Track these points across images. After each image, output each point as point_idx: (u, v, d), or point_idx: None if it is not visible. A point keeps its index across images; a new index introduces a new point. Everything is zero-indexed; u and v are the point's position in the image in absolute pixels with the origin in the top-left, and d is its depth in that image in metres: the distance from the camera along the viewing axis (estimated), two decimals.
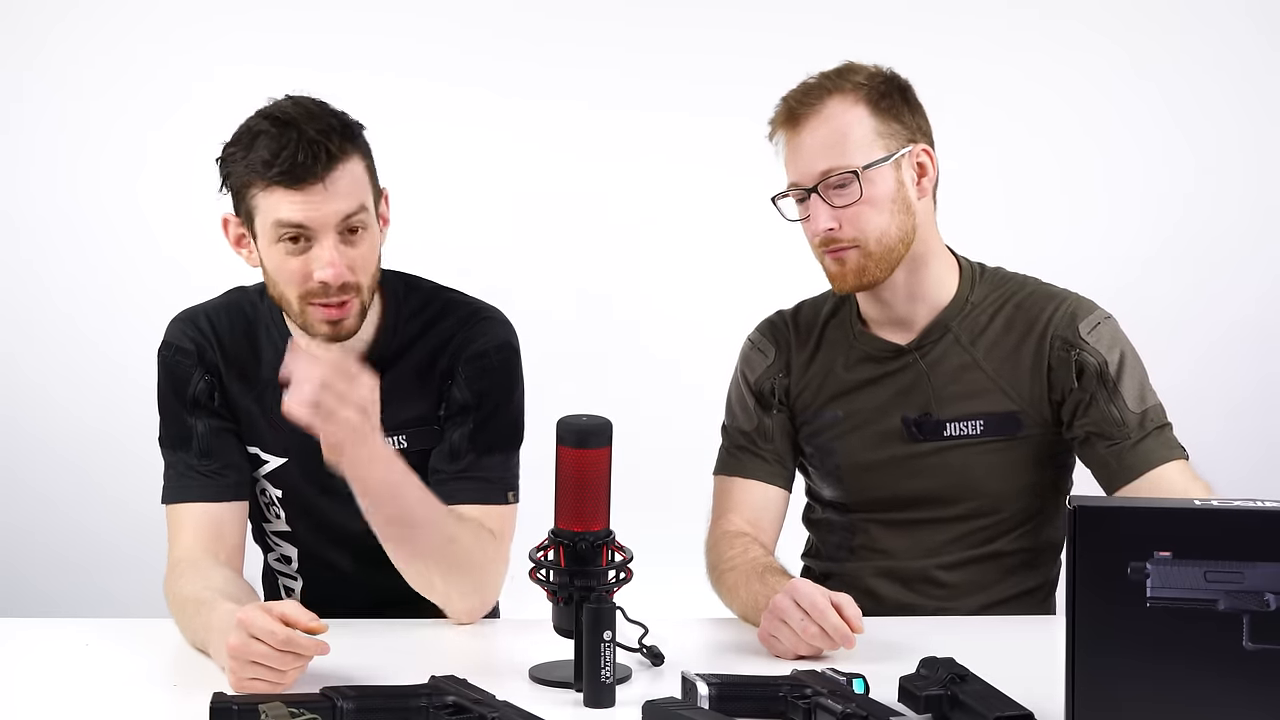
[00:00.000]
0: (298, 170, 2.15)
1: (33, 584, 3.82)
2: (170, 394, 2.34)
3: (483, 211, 3.91)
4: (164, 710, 1.98)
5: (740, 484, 2.47)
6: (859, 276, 2.34)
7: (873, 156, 2.32)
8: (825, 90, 2.34)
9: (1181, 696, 1.73)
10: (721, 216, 3.91)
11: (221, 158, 2.22)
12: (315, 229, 2.17)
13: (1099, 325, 2.35)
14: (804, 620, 2.08)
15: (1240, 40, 3.92)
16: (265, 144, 2.16)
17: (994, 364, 2.37)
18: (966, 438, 2.37)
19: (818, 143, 2.32)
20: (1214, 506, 1.73)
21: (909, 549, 2.40)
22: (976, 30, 3.87)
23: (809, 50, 3.88)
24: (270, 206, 2.17)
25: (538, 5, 3.92)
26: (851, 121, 2.32)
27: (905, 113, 2.36)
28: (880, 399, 2.41)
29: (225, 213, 2.26)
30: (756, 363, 2.50)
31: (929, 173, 2.37)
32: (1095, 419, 2.32)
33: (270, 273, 2.23)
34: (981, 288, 2.41)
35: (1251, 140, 3.92)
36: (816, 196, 2.33)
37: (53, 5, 3.84)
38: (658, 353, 3.91)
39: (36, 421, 3.88)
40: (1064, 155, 3.91)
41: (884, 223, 2.32)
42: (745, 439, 2.48)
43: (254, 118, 2.21)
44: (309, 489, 2.36)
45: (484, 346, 2.32)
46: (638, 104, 3.90)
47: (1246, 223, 3.93)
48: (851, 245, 2.33)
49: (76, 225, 3.87)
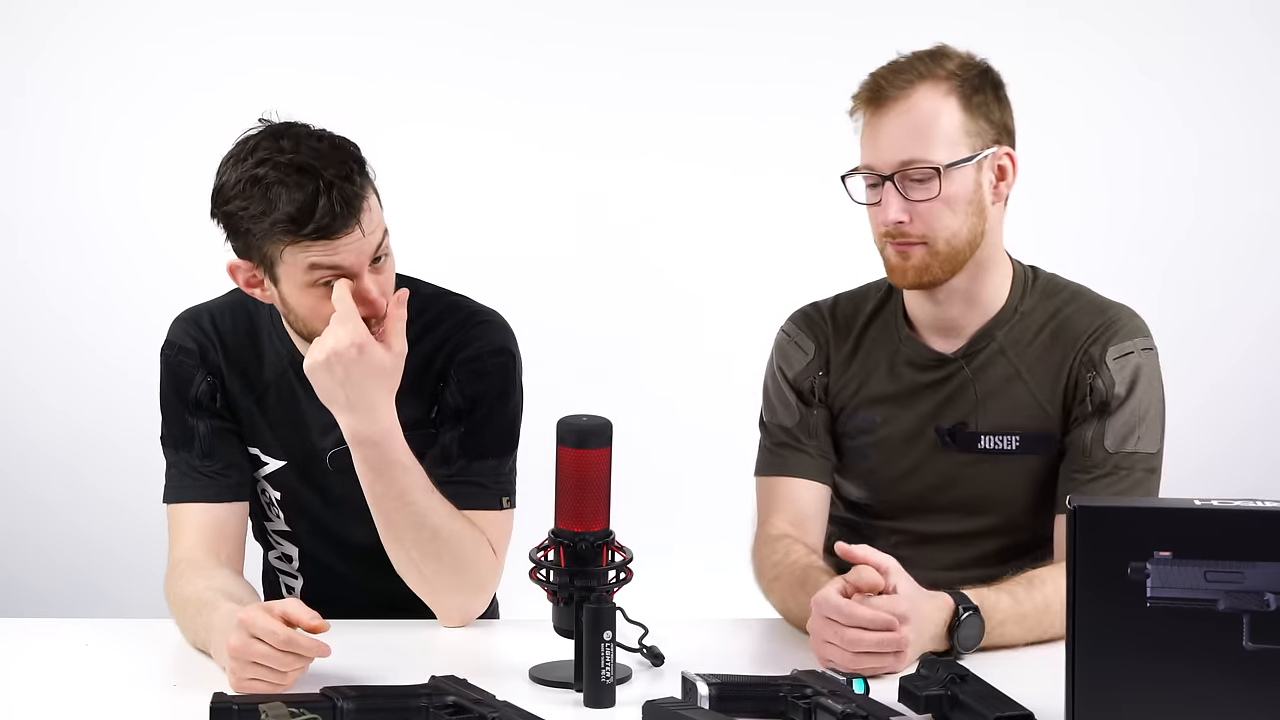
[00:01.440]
0: (335, 225, 2.09)
1: (27, 586, 3.82)
2: (172, 394, 2.33)
3: (484, 211, 3.92)
4: (164, 710, 1.98)
5: (785, 483, 2.38)
6: (920, 274, 2.25)
7: (957, 154, 2.22)
8: (918, 74, 2.24)
9: (1181, 696, 1.73)
10: (723, 217, 3.91)
11: (228, 212, 2.13)
12: (351, 269, 2.13)
13: (1128, 355, 2.27)
14: (839, 630, 2.02)
15: (1244, 41, 3.92)
16: (286, 199, 2.08)
17: (1035, 379, 2.30)
18: (1001, 452, 2.30)
19: (902, 130, 2.22)
20: (1214, 506, 1.73)
21: (930, 561, 2.31)
22: (982, 29, 3.85)
23: (811, 50, 3.92)
24: (302, 257, 2.12)
25: (536, 6, 3.91)
26: (941, 112, 2.22)
27: (995, 110, 2.26)
28: (922, 408, 2.34)
29: (231, 261, 2.19)
30: (795, 358, 2.41)
31: (1008, 177, 2.28)
32: (1072, 438, 2.27)
33: (301, 314, 2.17)
34: (1031, 297, 2.33)
35: (1258, 140, 3.93)
36: (891, 185, 2.22)
37: (53, 5, 3.84)
38: (659, 353, 3.91)
39: (31, 424, 3.88)
40: (1073, 155, 3.90)
41: (956, 224, 2.23)
42: (788, 435, 2.39)
43: (256, 165, 2.11)
44: (307, 492, 2.36)
45: (478, 350, 2.30)
46: (639, 104, 3.90)
47: (1255, 225, 3.94)
48: (919, 241, 2.23)
49: (74, 226, 3.87)
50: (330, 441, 2.29)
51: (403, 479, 2.17)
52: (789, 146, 3.84)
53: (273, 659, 1.94)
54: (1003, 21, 3.87)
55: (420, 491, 2.19)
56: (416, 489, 2.18)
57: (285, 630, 1.94)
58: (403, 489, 2.17)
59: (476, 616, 2.29)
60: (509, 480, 2.32)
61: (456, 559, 2.22)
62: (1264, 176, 3.94)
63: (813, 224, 3.78)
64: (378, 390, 2.14)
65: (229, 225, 2.16)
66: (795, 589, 2.21)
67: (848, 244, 2.61)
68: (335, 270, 2.13)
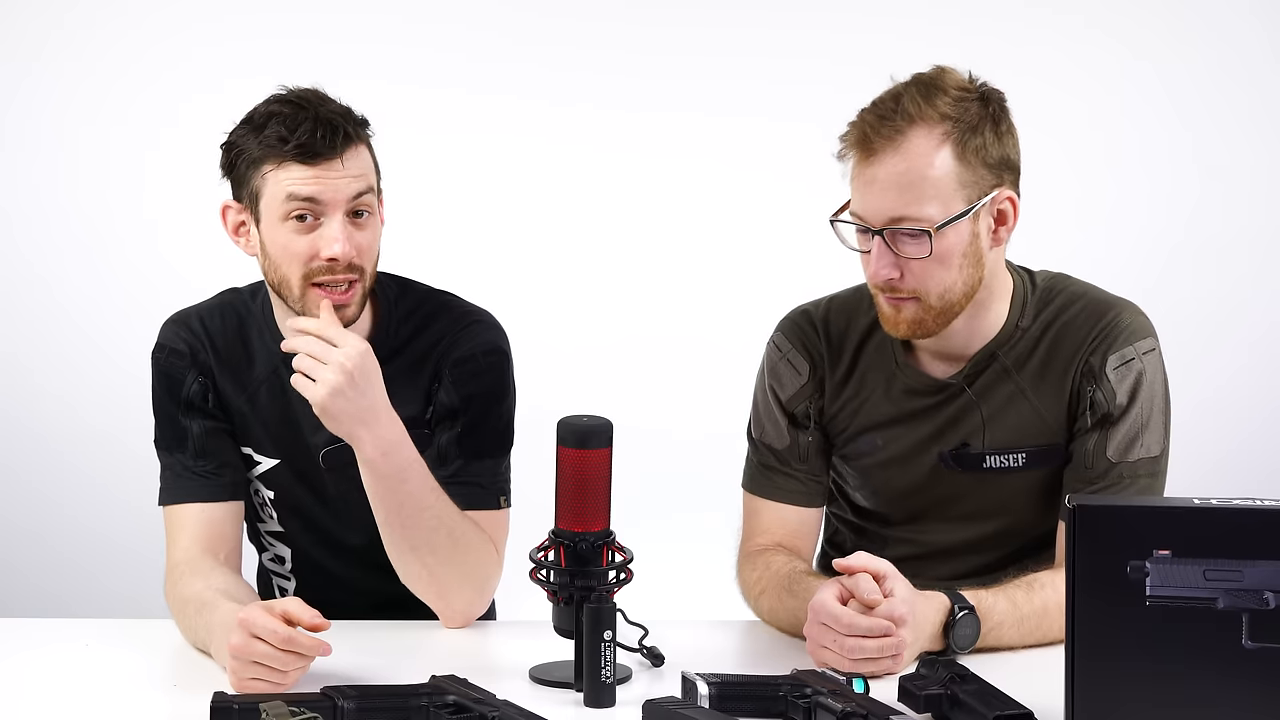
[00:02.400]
0: (315, 145, 2.15)
1: (31, 582, 3.82)
2: (164, 396, 2.33)
3: (485, 211, 3.91)
4: (164, 710, 1.98)
5: (771, 506, 2.33)
6: (914, 327, 2.18)
7: (951, 210, 2.11)
8: (908, 118, 2.10)
9: (1181, 695, 1.73)
10: (724, 217, 3.91)
11: (228, 141, 2.22)
12: (327, 205, 2.16)
13: (1129, 362, 2.20)
14: (838, 638, 2.01)
15: (1245, 42, 3.92)
16: (279, 122, 2.16)
17: (1038, 393, 2.24)
18: (1007, 470, 2.25)
19: (891, 183, 2.10)
20: (1213, 505, 1.73)
21: (939, 569, 2.29)
22: (985, 30, 3.87)
23: (812, 50, 3.91)
24: (282, 182, 2.16)
25: (537, 6, 3.91)
26: (933, 164, 2.10)
27: (994, 149, 2.13)
28: (924, 430, 2.27)
29: (225, 200, 2.25)
30: (788, 380, 2.33)
31: (1008, 221, 2.17)
32: (1075, 448, 2.23)
33: (273, 255, 2.20)
34: (1031, 308, 2.25)
35: (1260, 141, 3.93)
36: (881, 240, 2.12)
37: (54, 5, 3.84)
38: (660, 353, 3.91)
39: (37, 420, 3.87)
40: (1074, 155, 3.90)
41: (950, 279, 2.14)
42: (776, 458, 2.33)
43: (263, 104, 2.21)
44: (301, 491, 2.36)
45: (471, 350, 2.31)
46: (639, 105, 3.90)
47: (1257, 227, 3.94)
48: (911, 297, 2.15)
49: (79, 223, 3.87)
50: (322, 439, 2.29)
51: (419, 480, 2.18)
52: (793, 148, 3.83)
53: (274, 658, 1.94)
54: (1003, 21, 3.87)
55: (434, 493, 2.20)
56: (430, 490, 2.19)
57: (286, 629, 1.94)
58: (420, 492, 2.18)
59: (478, 616, 2.29)
60: (505, 479, 2.32)
61: (466, 558, 2.23)
62: (1267, 178, 3.94)
63: (815, 225, 3.77)
64: (383, 391, 2.15)
65: (228, 155, 2.22)
66: (782, 595, 2.20)
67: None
68: (309, 202, 2.16)
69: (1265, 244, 3.95)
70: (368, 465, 2.16)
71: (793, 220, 3.84)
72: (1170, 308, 3.84)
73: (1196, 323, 3.88)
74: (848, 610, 2.03)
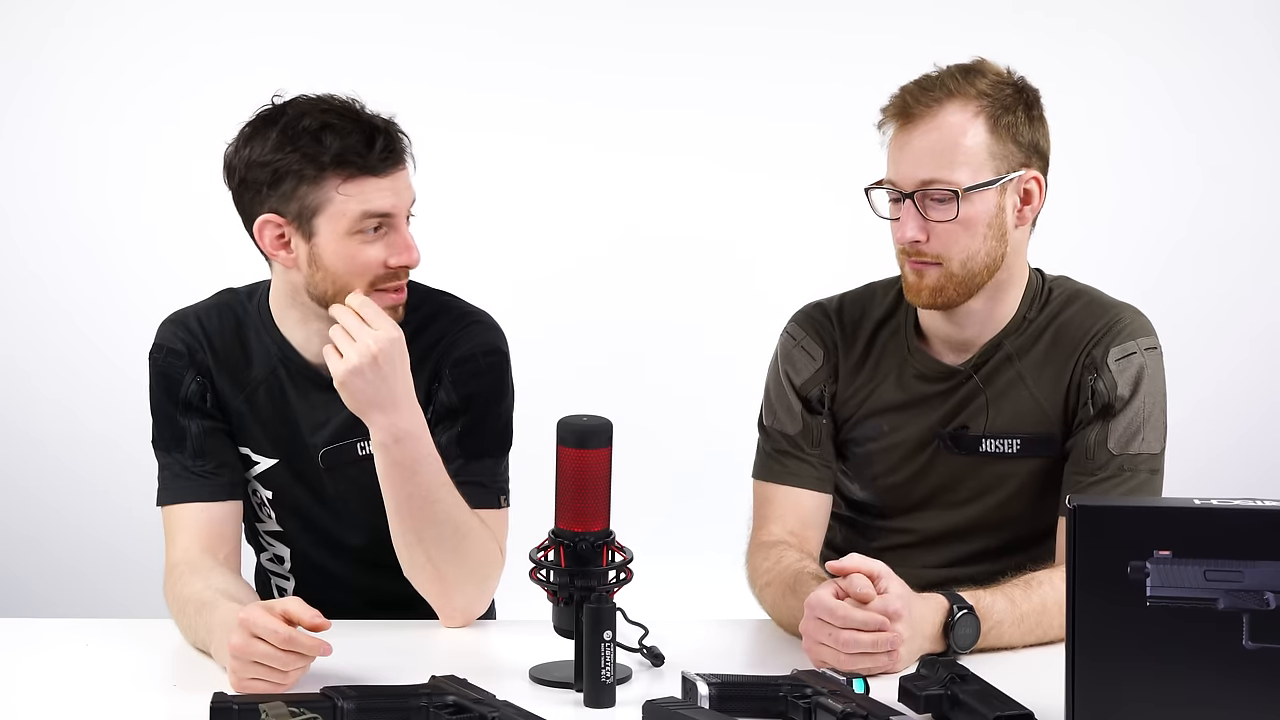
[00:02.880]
0: (391, 160, 2.17)
1: (27, 586, 3.81)
2: (162, 396, 2.33)
3: (486, 211, 3.91)
4: (164, 710, 1.98)
5: (783, 491, 2.36)
6: (934, 295, 2.24)
7: (980, 177, 2.20)
8: (946, 91, 2.21)
9: (1181, 696, 1.73)
10: (724, 217, 3.90)
11: (264, 161, 2.16)
12: (398, 215, 2.18)
13: (1130, 356, 2.26)
14: (833, 632, 2.03)
15: (1247, 43, 3.92)
16: (336, 136, 2.14)
17: (1037, 382, 2.29)
18: (1002, 455, 2.30)
19: (925, 148, 2.20)
20: (1214, 506, 1.73)
21: (929, 558, 2.33)
22: (985, 29, 3.87)
23: (812, 50, 3.91)
24: (354, 197, 2.15)
25: (538, 6, 3.91)
26: (966, 133, 2.20)
27: (1025, 131, 2.24)
28: (929, 417, 2.33)
29: (262, 218, 2.18)
30: (802, 365, 2.38)
31: (1033, 201, 2.26)
32: (1076, 441, 2.26)
33: (334, 266, 2.18)
34: (1039, 305, 2.32)
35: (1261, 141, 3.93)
36: (910, 203, 2.21)
37: (54, 3, 3.83)
38: (660, 353, 3.91)
39: (34, 424, 3.87)
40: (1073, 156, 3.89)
41: (974, 246, 2.22)
42: (789, 443, 2.37)
43: (295, 119, 2.15)
44: (300, 491, 2.36)
45: (470, 350, 2.31)
46: (640, 103, 3.90)
47: (1257, 227, 3.93)
48: (934, 261, 2.22)
49: (77, 224, 3.87)
50: (321, 439, 2.30)
51: (431, 474, 2.18)
52: (793, 147, 3.84)
53: (274, 658, 1.94)
54: (1004, 21, 3.87)
55: (445, 487, 2.20)
56: (442, 485, 2.19)
57: (286, 629, 1.94)
58: (431, 485, 2.18)
59: (478, 615, 2.29)
60: (505, 479, 2.33)
61: (471, 554, 2.23)
62: (1268, 178, 3.94)
63: (817, 226, 3.78)
64: (407, 379, 2.16)
65: (268, 176, 2.16)
66: (786, 593, 2.21)
67: (855, 246, 2.61)
68: (383, 215, 2.17)
69: (1266, 243, 3.95)
70: (379, 448, 2.17)
71: (793, 220, 3.85)
72: (1171, 306, 3.85)
73: (1198, 321, 3.88)
74: (842, 604, 2.04)
